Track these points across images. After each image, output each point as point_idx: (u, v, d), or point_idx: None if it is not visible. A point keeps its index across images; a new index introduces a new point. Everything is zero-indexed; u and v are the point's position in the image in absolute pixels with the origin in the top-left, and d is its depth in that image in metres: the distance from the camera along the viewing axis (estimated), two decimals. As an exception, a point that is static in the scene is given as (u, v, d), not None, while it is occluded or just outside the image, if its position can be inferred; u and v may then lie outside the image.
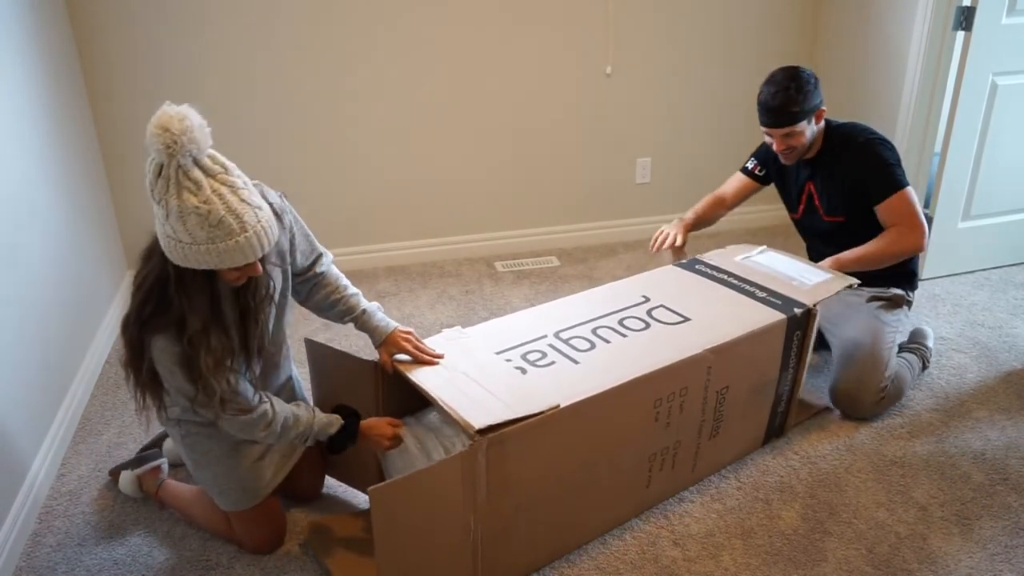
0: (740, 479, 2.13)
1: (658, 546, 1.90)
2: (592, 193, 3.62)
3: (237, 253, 1.44)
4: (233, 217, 1.41)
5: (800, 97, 2.24)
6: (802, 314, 2.08)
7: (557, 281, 3.30)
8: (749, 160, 2.64)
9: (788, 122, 2.26)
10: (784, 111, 2.25)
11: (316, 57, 3.10)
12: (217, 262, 1.44)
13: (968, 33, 2.87)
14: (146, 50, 2.95)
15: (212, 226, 1.40)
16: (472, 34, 3.22)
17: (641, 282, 2.28)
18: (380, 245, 3.47)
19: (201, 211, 1.38)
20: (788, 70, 2.30)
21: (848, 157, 2.33)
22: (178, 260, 1.45)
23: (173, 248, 1.44)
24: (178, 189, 1.38)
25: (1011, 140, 3.09)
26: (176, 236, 1.41)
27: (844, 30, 3.43)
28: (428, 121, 3.31)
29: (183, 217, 1.39)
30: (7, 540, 1.86)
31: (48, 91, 2.54)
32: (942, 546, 1.89)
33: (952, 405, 2.42)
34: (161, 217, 1.42)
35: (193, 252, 1.42)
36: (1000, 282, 3.19)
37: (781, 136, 2.31)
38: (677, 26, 3.42)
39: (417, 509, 1.56)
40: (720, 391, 2.00)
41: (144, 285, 1.56)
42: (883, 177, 2.28)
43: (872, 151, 2.30)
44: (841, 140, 2.36)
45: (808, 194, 2.46)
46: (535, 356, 1.89)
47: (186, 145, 1.35)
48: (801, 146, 2.33)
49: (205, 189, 1.39)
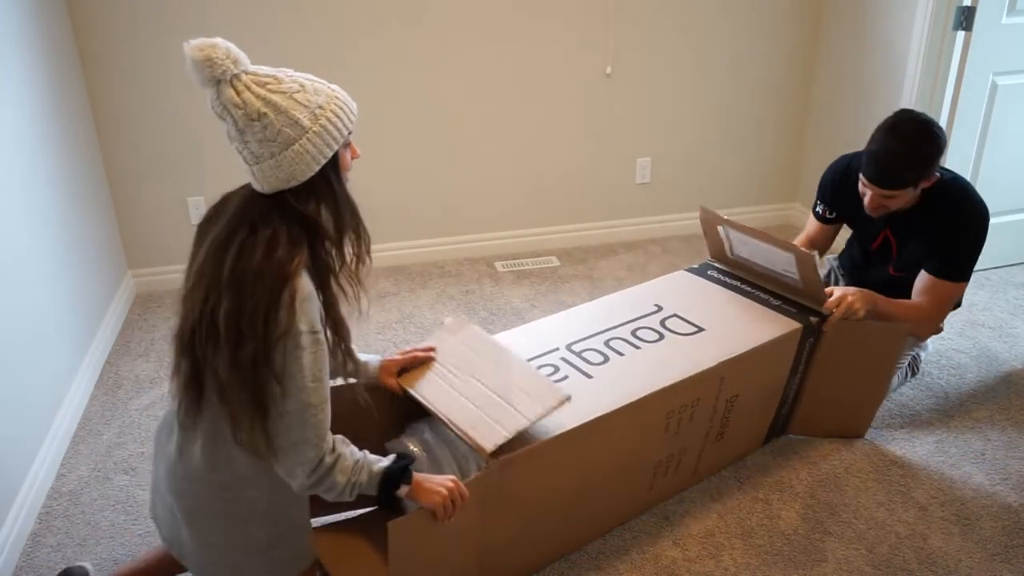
0: (740, 479, 2.13)
1: (658, 546, 1.90)
2: (592, 193, 3.62)
3: (347, 107, 1.32)
4: (318, 83, 1.31)
5: (918, 164, 1.94)
6: (818, 323, 2.04)
7: (557, 281, 3.30)
8: (816, 204, 2.39)
9: (895, 186, 1.97)
10: (896, 175, 1.95)
11: (316, 57, 3.10)
12: (340, 129, 1.30)
13: (968, 33, 2.87)
14: (146, 50, 2.95)
15: (313, 93, 1.28)
16: (472, 34, 3.22)
17: (654, 289, 2.23)
18: (380, 245, 3.46)
19: (294, 88, 1.26)
20: (920, 126, 1.95)
21: (940, 226, 2.08)
22: (303, 167, 1.26)
23: (294, 159, 1.25)
24: (263, 90, 1.24)
25: (1011, 140, 3.09)
26: (286, 138, 1.24)
27: (844, 30, 3.43)
28: (428, 121, 3.31)
29: (285, 109, 1.24)
30: (7, 540, 1.86)
31: (48, 90, 2.53)
32: (942, 546, 1.89)
33: (952, 405, 2.42)
34: (262, 135, 1.24)
35: (314, 138, 1.26)
36: (1000, 282, 3.19)
37: (880, 195, 2.02)
38: (677, 26, 3.42)
39: (433, 538, 1.53)
40: (730, 399, 1.98)
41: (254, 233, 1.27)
42: (955, 260, 2.08)
43: (967, 234, 2.06)
44: (940, 206, 2.08)
45: (885, 239, 2.25)
46: (548, 371, 1.84)
47: (235, 54, 1.24)
48: (896, 207, 2.06)
49: (282, 76, 1.28)
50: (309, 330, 1.27)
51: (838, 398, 2.19)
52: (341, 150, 1.33)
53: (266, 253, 1.25)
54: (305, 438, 1.31)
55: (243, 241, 1.26)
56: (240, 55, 1.24)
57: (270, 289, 1.24)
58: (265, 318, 1.24)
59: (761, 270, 2.22)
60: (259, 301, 1.24)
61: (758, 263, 2.20)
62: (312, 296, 1.29)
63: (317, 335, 1.29)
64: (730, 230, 2.19)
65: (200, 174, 3.15)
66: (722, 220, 2.19)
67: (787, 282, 2.13)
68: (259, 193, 1.31)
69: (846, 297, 2.00)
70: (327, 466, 1.34)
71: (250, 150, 1.26)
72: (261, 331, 1.24)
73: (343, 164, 1.36)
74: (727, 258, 2.31)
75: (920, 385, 2.52)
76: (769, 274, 2.19)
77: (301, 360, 1.27)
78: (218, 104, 1.24)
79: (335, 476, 1.36)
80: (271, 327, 1.24)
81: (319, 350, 1.30)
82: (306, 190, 1.29)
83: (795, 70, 3.64)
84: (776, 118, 3.71)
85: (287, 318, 1.25)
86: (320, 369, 1.30)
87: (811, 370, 2.14)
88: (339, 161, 1.33)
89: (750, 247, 2.18)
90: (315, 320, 1.29)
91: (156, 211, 3.16)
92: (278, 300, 1.24)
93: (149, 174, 3.11)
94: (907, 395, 2.47)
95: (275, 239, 1.26)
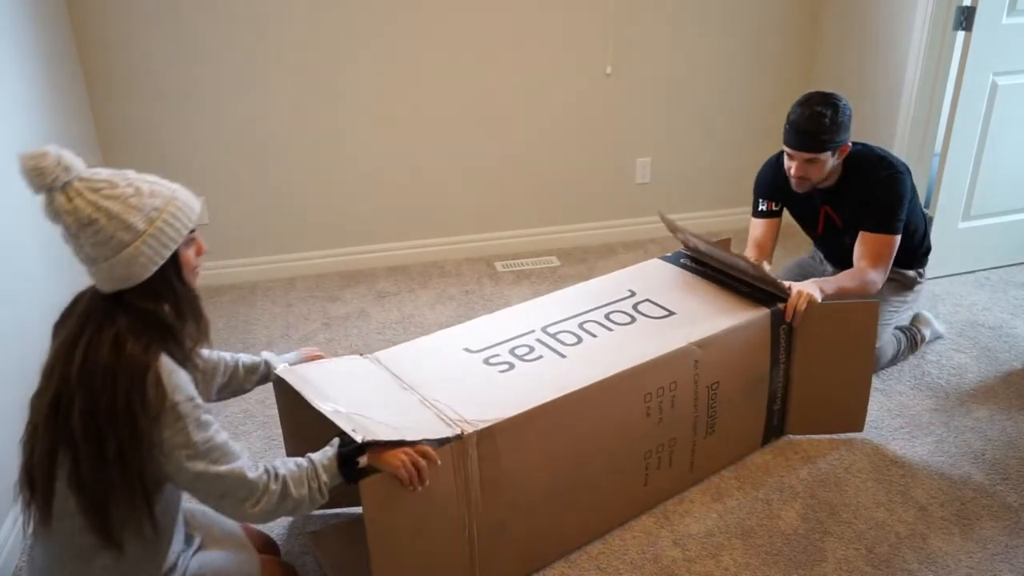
0: (740, 479, 2.13)
1: (658, 546, 1.91)
2: (592, 193, 3.62)
3: (187, 207, 1.32)
4: (157, 185, 1.31)
5: (832, 127, 2.19)
6: (783, 308, 2.09)
7: (557, 281, 3.30)
8: (759, 203, 2.56)
9: (814, 148, 2.22)
10: (814, 137, 2.20)
11: (315, 57, 3.10)
12: (178, 229, 1.30)
13: (968, 33, 2.87)
14: (146, 50, 2.95)
15: (149, 196, 1.28)
16: (472, 34, 3.22)
17: (627, 276, 2.31)
18: (380, 245, 3.47)
19: (128, 192, 1.26)
20: (826, 96, 2.24)
21: (864, 188, 2.31)
22: (139, 269, 1.27)
23: (128, 261, 1.26)
24: (96, 196, 1.24)
25: (1011, 140, 3.09)
26: (120, 242, 1.24)
27: (844, 30, 3.43)
28: (428, 121, 3.31)
29: (117, 214, 1.24)
30: (7, 540, 1.87)
31: (48, 94, 2.54)
32: (942, 546, 1.89)
33: (952, 405, 2.42)
34: (94, 240, 1.24)
35: (149, 240, 1.26)
36: (1000, 282, 3.19)
37: (802, 161, 2.26)
38: (677, 26, 3.42)
39: (410, 502, 1.55)
40: (710, 386, 2.01)
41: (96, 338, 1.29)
42: (885, 214, 2.28)
43: (890, 187, 2.28)
44: (860, 172, 2.33)
45: (826, 215, 2.46)
46: (523, 351, 1.91)
47: (66, 161, 1.23)
48: (817, 178, 2.30)
49: (118, 180, 1.27)
50: (185, 398, 1.29)
51: (827, 388, 2.21)
52: (181, 249, 1.33)
53: (114, 351, 1.26)
54: (227, 488, 1.34)
55: (89, 340, 1.28)
56: (73, 162, 1.24)
57: (129, 381, 1.25)
58: (129, 409, 1.25)
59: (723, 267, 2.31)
60: (116, 396, 1.25)
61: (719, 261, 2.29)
62: (176, 369, 1.31)
63: (193, 400, 1.31)
64: (688, 236, 2.31)
65: (200, 174, 3.15)
66: (678, 228, 2.31)
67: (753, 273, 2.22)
68: (102, 292, 1.33)
69: (801, 292, 2.11)
70: (277, 492, 1.38)
71: (85, 253, 1.27)
72: (125, 422, 1.25)
73: (184, 262, 1.35)
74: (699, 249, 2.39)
75: (920, 385, 2.52)
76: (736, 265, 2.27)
77: (187, 429, 1.29)
78: (50, 211, 1.25)
79: (292, 493, 1.40)
80: (139, 415, 1.25)
81: (200, 412, 1.32)
82: (145, 289, 1.30)
83: (795, 70, 3.64)
84: (776, 118, 3.69)
85: (157, 398, 1.26)
86: (207, 427, 1.32)
87: (794, 361, 2.18)
88: (179, 260, 1.34)
89: (710, 251, 2.27)
90: (186, 387, 1.31)
91: (156, 211, 3.17)
92: (142, 388, 1.25)
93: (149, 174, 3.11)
94: (907, 395, 2.47)
95: (120, 336, 1.27)
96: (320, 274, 3.40)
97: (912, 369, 2.60)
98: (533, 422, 1.68)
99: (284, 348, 2.80)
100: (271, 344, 2.84)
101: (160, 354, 1.29)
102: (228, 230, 3.27)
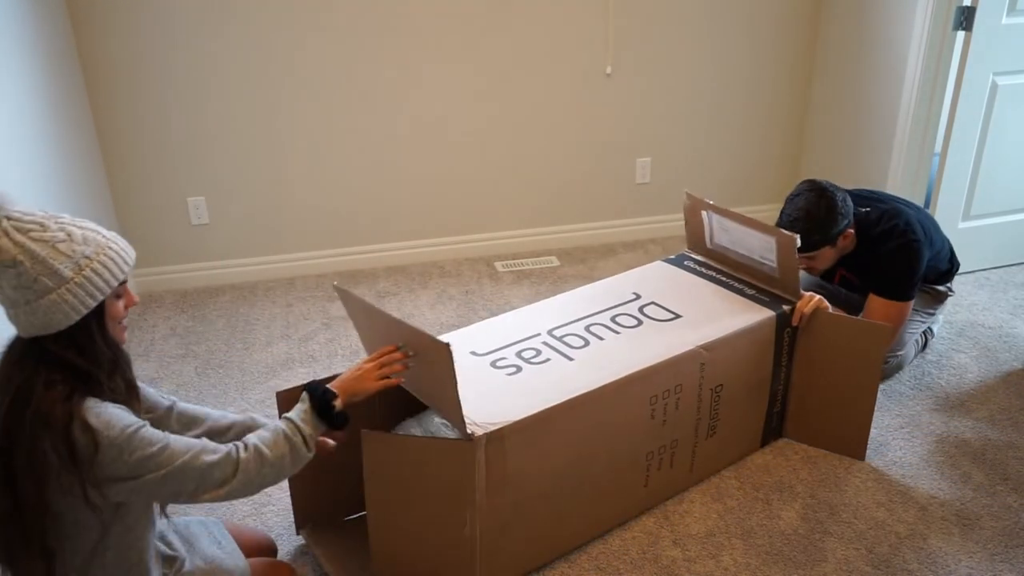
0: (740, 479, 2.13)
1: (658, 546, 1.90)
2: (592, 193, 3.62)
3: (119, 257, 1.28)
4: (91, 232, 1.27)
5: (824, 226, 2.21)
6: (790, 311, 2.10)
7: (557, 281, 3.30)
8: None
9: (810, 249, 2.23)
10: (807, 240, 2.18)
11: (316, 57, 3.10)
12: (107, 279, 1.26)
13: (968, 33, 2.87)
14: (147, 50, 2.95)
15: (81, 243, 1.24)
16: (472, 34, 3.22)
17: (632, 279, 2.30)
18: (380, 245, 3.47)
19: (59, 237, 1.22)
20: (810, 197, 2.23)
21: (876, 259, 2.33)
22: (60, 317, 1.22)
23: (48, 308, 1.21)
24: (23, 237, 1.20)
25: (1011, 140, 3.09)
26: (42, 287, 1.20)
27: (844, 30, 3.43)
28: (428, 121, 3.31)
29: (43, 258, 1.20)
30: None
31: (48, 91, 2.54)
32: (942, 546, 1.89)
33: (952, 405, 2.42)
34: (16, 282, 1.20)
35: (74, 288, 1.22)
36: (1000, 282, 3.19)
37: (803, 258, 2.25)
38: (677, 26, 3.42)
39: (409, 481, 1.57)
40: (715, 388, 2.01)
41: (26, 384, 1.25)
42: (897, 283, 2.31)
43: (902, 258, 2.29)
44: (871, 241, 2.33)
45: (842, 277, 2.49)
46: (530, 354, 1.90)
47: None
48: (825, 266, 2.33)
49: (49, 223, 1.23)
50: (120, 430, 1.24)
51: (828, 400, 2.18)
52: (109, 300, 1.28)
53: (35, 403, 1.22)
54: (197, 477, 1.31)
55: (9, 386, 1.24)
56: (2, 200, 1.21)
57: (55, 434, 1.21)
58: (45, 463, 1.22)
59: (738, 259, 2.28)
60: (35, 448, 1.21)
61: (737, 251, 2.27)
62: (102, 405, 1.27)
63: (129, 427, 1.26)
64: (713, 216, 2.27)
65: (200, 174, 3.15)
66: (707, 205, 2.27)
67: (763, 271, 2.20)
68: (22, 337, 1.29)
69: (812, 296, 2.12)
70: (251, 459, 1.35)
71: (5, 294, 1.22)
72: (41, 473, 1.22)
73: (111, 313, 1.30)
74: (704, 249, 2.39)
75: (920, 385, 2.52)
76: (746, 263, 2.26)
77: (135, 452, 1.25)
78: None
79: (268, 456, 1.36)
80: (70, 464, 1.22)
81: (141, 433, 1.27)
82: (65, 338, 1.25)
83: (795, 70, 3.64)
84: (776, 118, 3.71)
85: (89, 443, 1.22)
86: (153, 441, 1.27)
87: (795, 365, 2.18)
88: (105, 311, 1.28)
89: (730, 234, 2.25)
90: (119, 419, 1.26)
91: (156, 211, 3.17)
92: (69, 439, 1.21)
93: (149, 174, 3.11)
94: (907, 395, 2.47)
95: (40, 388, 1.23)
96: (320, 274, 3.40)
97: (912, 369, 2.60)
98: (541, 425, 1.68)
99: (284, 348, 2.80)
100: (271, 344, 2.84)
101: (83, 400, 1.25)
102: (228, 230, 3.27)
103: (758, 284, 2.21)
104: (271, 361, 2.72)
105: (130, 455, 1.24)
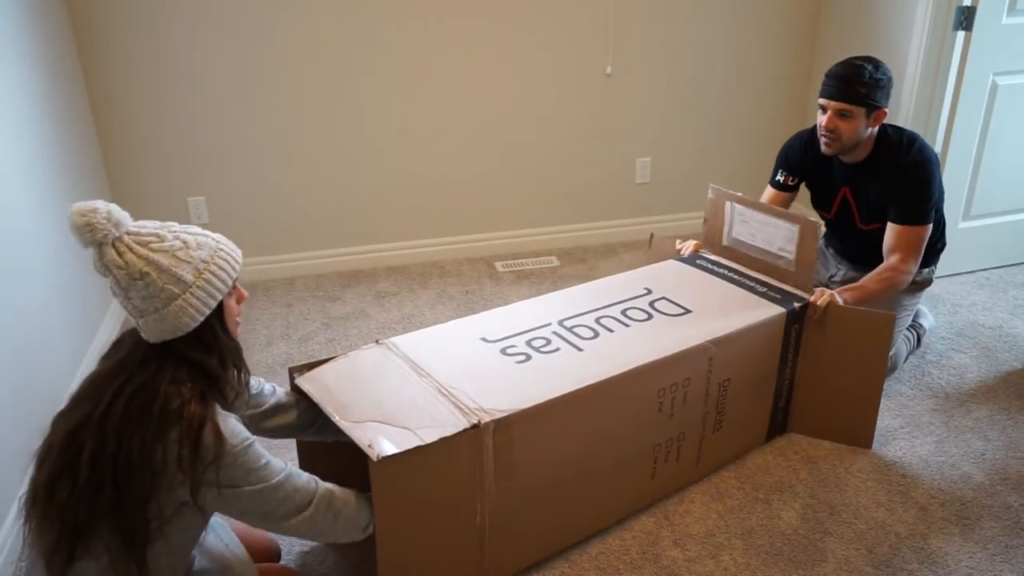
0: (740, 479, 2.13)
1: (658, 546, 1.91)
2: (592, 193, 3.62)
3: (231, 258, 1.36)
4: (201, 236, 1.34)
5: (872, 81, 2.15)
6: (800, 308, 2.12)
7: (557, 281, 3.30)
8: (777, 173, 2.53)
9: (849, 98, 2.16)
10: (850, 84, 2.15)
11: (316, 58, 3.10)
12: (224, 280, 1.34)
13: (968, 33, 2.87)
14: (147, 50, 2.95)
15: (196, 248, 1.32)
16: (472, 34, 3.22)
17: (644, 275, 2.32)
18: (380, 245, 3.47)
19: (176, 245, 1.30)
20: (870, 57, 2.22)
21: (891, 172, 2.26)
22: (187, 320, 1.30)
23: (177, 313, 1.29)
24: (145, 250, 1.28)
25: (1011, 140, 3.09)
26: (169, 295, 1.28)
27: (844, 30, 3.43)
28: (428, 121, 3.31)
29: (167, 267, 1.28)
30: (7, 540, 1.87)
31: (47, 90, 2.54)
32: (942, 546, 1.89)
33: (952, 405, 2.42)
34: (144, 293, 1.27)
35: (197, 292, 1.30)
36: (1000, 282, 3.19)
37: (835, 112, 2.20)
38: (677, 26, 3.42)
39: (420, 487, 1.56)
40: (722, 383, 2.02)
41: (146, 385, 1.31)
42: (915, 204, 2.24)
43: (917, 175, 2.23)
44: (890, 153, 2.27)
45: (843, 198, 2.43)
46: (540, 343, 1.92)
47: (116, 216, 1.27)
48: (847, 138, 2.22)
49: (164, 233, 1.31)
50: (241, 442, 1.34)
51: (834, 392, 2.20)
52: (226, 299, 1.37)
53: (165, 402, 1.28)
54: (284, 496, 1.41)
55: (120, 386, 1.30)
56: (121, 217, 1.27)
57: (184, 432, 1.28)
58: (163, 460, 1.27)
59: (754, 254, 2.32)
60: (148, 445, 1.26)
61: (755, 244, 2.30)
62: (225, 414, 1.35)
63: (247, 440, 1.35)
64: (736, 208, 2.32)
65: (200, 174, 3.15)
66: (733, 197, 2.32)
67: (778, 265, 2.23)
68: (147, 341, 1.34)
69: (824, 291, 2.13)
70: (325, 501, 1.46)
71: (134, 305, 1.29)
72: (147, 472, 1.27)
73: (228, 312, 1.39)
74: (718, 247, 2.43)
75: (920, 385, 2.52)
76: (760, 258, 2.29)
77: (246, 465, 1.34)
78: (100, 265, 1.28)
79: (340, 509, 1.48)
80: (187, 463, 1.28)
81: (253, 448, 1.36)
82: (191, 338, 1.33)
83: (795, 70, 3.64)
84: (776, 118, 3.71)
85: (218, 445, 1.30)
86: (260, 458, 1.37)
87: (801, 359, 2.19)
88: (224, 310, 1.37)
89: (750, 226, 2.29)
90: (240, 431, 1.35)
91: (156, 211, 3.16)
92: (197, 438, 1.28)
93: (149, 174, 3.11)
94: (907, 395, 2.47)
95: (170, 388, 1.30)
96: (320, 274, 3.40)
97: (912, 369, 2.60)
98: (549, 413, 1.69)
99: (284, 348, 2.80)
100: (271, 344, 2.84)
101: (215, 405, 1.34)
102: (228, 230, 3.24)
103: (769, 282, 2.23)
104: (271, 361, 2.72)
105: (241, 465, 1.33)
